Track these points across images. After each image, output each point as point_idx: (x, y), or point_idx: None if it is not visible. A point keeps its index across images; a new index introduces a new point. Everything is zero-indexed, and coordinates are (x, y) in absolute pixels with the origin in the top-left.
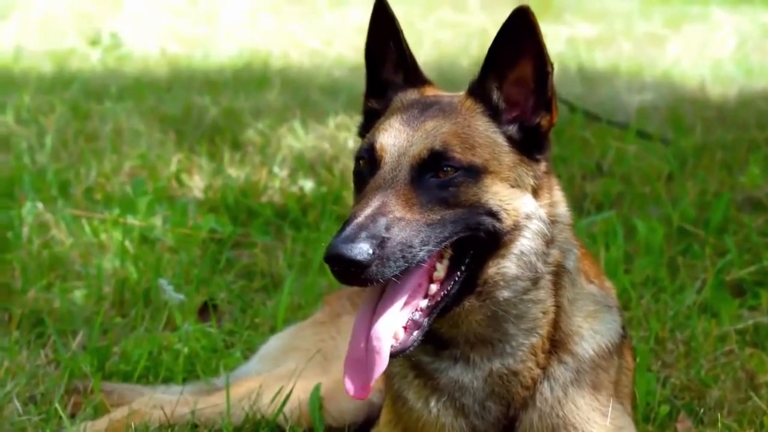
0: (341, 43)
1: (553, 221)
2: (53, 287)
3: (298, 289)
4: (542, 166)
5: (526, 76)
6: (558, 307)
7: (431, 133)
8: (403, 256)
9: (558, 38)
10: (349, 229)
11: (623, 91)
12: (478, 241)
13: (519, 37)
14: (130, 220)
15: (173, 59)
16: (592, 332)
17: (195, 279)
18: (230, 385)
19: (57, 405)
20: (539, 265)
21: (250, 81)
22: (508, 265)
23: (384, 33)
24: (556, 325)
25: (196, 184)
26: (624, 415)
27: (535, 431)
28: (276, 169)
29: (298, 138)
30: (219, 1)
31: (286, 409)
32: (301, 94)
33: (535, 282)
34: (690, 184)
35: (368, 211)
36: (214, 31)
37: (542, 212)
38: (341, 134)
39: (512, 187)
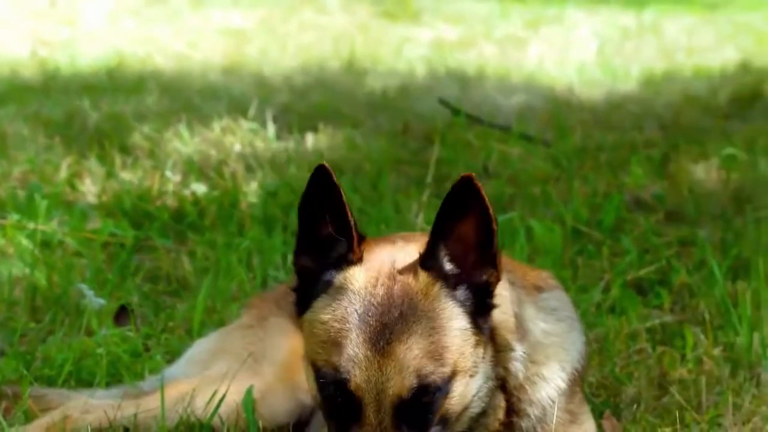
0: (206, 46)
1: (495, 351)
2: None
3: (209, 293)
4: (488, 322)
5: (472, 236)
6: (511, 390)
7: (403, 362)
8: None
9: (420, 41)
10: None
11: (495, 94)
12: None
13: (465, 203)
14: (32, 225)
15: (42, 62)
16: (548, 379)
17: (109, 283)
18: (161, 389)
19: None
20: (484, 408)
21: (125, 85)
22: (456, 427)
23: (324, 199)
24: (513, 399)
25: (89, 189)
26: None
27: None
28: (168, 174)
29: (184, 142)
30: (79, 4)
31: (221, 411)
32: (180, 97)
33: (484, 412)
34: (577, 186)
35: None
36: (76, 34)
37: (488, 369)
38: (227, 138)
39: (471, 377)
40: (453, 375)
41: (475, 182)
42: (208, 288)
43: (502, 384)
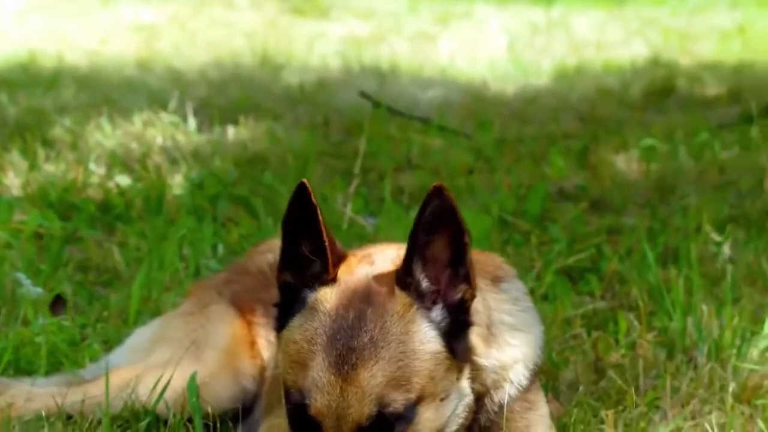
0: (117, 42)
1: (472, 372)
2: None
3: (144, 282)
4: (463, 343)
5: (442, 250)
6: (480, 391)
7: (365, 388)
8: None
9: (331, 37)
10: None
11: (411, 88)
12: None
13: (438, 216)
14: None
15: None
16: (513, 381)
17: (42, 273)
18: (102, 376)
19: None
20: (462, 421)
21: (40, 80)
22: None
23: (303, 216)
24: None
25: (12, 182)
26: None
27: None
28: (92, 166)
29: (106, 135)
30: None
31: (166, 397)
32: (98, 92)
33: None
34: (500, 177)
35: None
36: None
37: (465, 387)
38: (148, 131)
39: (441, 400)
40: (419, 400)
41: (445, 193)
42: (143, 277)
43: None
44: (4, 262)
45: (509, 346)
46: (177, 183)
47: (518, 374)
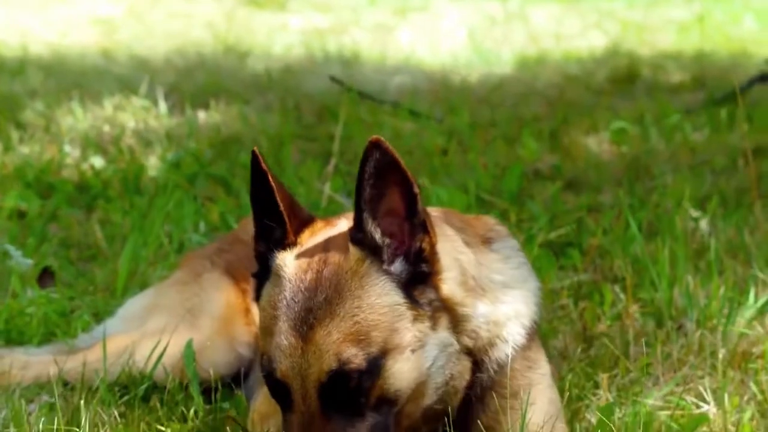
0: (77, 35)
1: (456, 324)
2: None
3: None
4: (431, 293)
5: (396, 204)
6: (475, 352)
7: (322, 346)
8: None
9: (291, 28)
10: None
11: (376, 75)
12: None
13: (379, 169)
14: None
15: None
16: (509, 339)
17: (28, 247)
18: (98, 344)
19: None
20: (451, 373)
21: (5, 67)
22: (419, 407)
23: (260, 185)
24: (476, 358)
25: None
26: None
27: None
28: (67, 148)
29: (78, 119)
30: None
31: (164, 363)
32: (66, 79)
33: (448, 383)
34: (474, 158)
35: None
36: None
37: (444, 337)
38: (119, 115)
39: (413, 352)
40: (383, 354)
41: (384, 146)
42: (129, 251)
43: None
44: None
45: (501, 303)
46: (152, 164)
47: (513, 332)
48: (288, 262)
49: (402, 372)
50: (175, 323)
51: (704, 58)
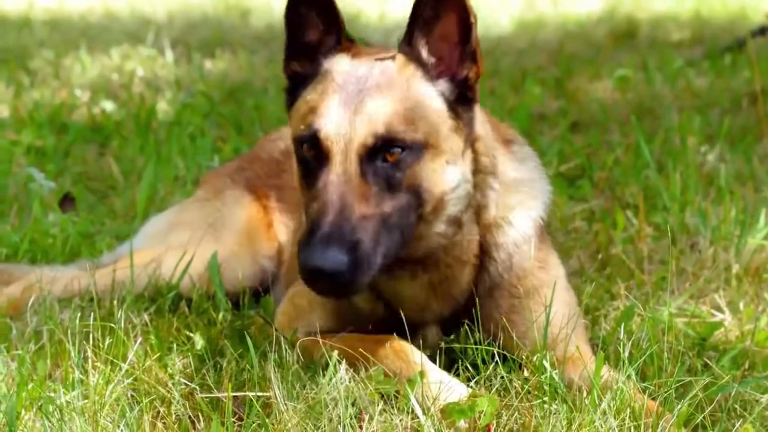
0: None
1: (476, 171)
2: None
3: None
4: (469, 118)
5: (451, 29)
6: (483, 226)
7: (373, 116)
8: (375, 257)
9: None
10: (319, 239)
11: (371, 33)
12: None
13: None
14: None
15: None
16: (514, 224)
17: (50, 173)
18: (122, 259)
19: None
20: (463, 217)
21: (10, 23)
22: (434, 226)
23: (307, 4)
24: (483, 238)
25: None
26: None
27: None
28: (78, 92)
29: (85, 67)
30: None
31: (189, 274)
32: (72, 31)
33: (459, 226)
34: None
35: (331, 216)
36: None
37: (467, 173)
38: (127, 63)
39: (447, 163)
40: (425, 145)
41: None
42: (150, 175)
43: (477, 218)
44: (12, 161)
45: (512, 192)
46: (162, 109)
47: (520, 220)
48: (340, 61)
49: (435, 173)
50: (198, 237)
51: (702, 20)
